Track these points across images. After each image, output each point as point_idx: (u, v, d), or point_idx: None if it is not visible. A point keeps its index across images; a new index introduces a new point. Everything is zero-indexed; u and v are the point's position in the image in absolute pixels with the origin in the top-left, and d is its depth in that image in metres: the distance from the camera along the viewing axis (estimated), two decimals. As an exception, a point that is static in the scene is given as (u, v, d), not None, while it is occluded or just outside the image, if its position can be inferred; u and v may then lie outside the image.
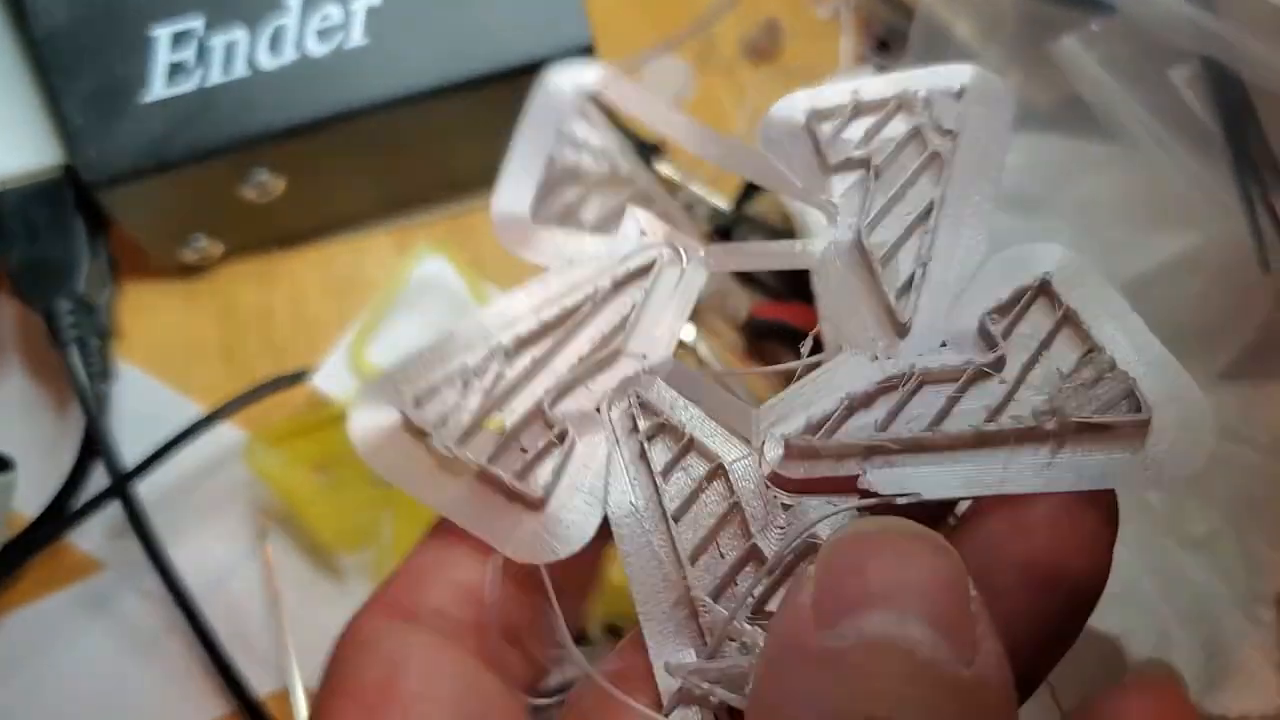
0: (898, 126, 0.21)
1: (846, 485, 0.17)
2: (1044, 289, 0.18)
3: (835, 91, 0.22)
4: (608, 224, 0.22)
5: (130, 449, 0.36)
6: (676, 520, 0.17)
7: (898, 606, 0.14)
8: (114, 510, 0.37)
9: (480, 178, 0.43)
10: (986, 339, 0.18)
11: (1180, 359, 0.34)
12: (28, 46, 0.33)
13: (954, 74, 0.22)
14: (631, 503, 0.18)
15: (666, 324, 0.20)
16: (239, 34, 0.34)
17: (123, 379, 0.39)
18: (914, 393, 0.18)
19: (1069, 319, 0.18)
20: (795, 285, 0.39)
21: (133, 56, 0.33)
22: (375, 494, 0.36)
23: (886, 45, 0.45)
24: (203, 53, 0.33)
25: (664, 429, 0.18)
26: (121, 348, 0.40)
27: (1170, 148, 0.33)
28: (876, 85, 0.22)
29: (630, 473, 0.18)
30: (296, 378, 0.37)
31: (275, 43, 0.34)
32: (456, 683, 0.17)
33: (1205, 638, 0.29)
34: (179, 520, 0.37)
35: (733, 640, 0.16)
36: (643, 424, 0.18)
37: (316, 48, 0.34)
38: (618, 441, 0.19)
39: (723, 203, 0.42)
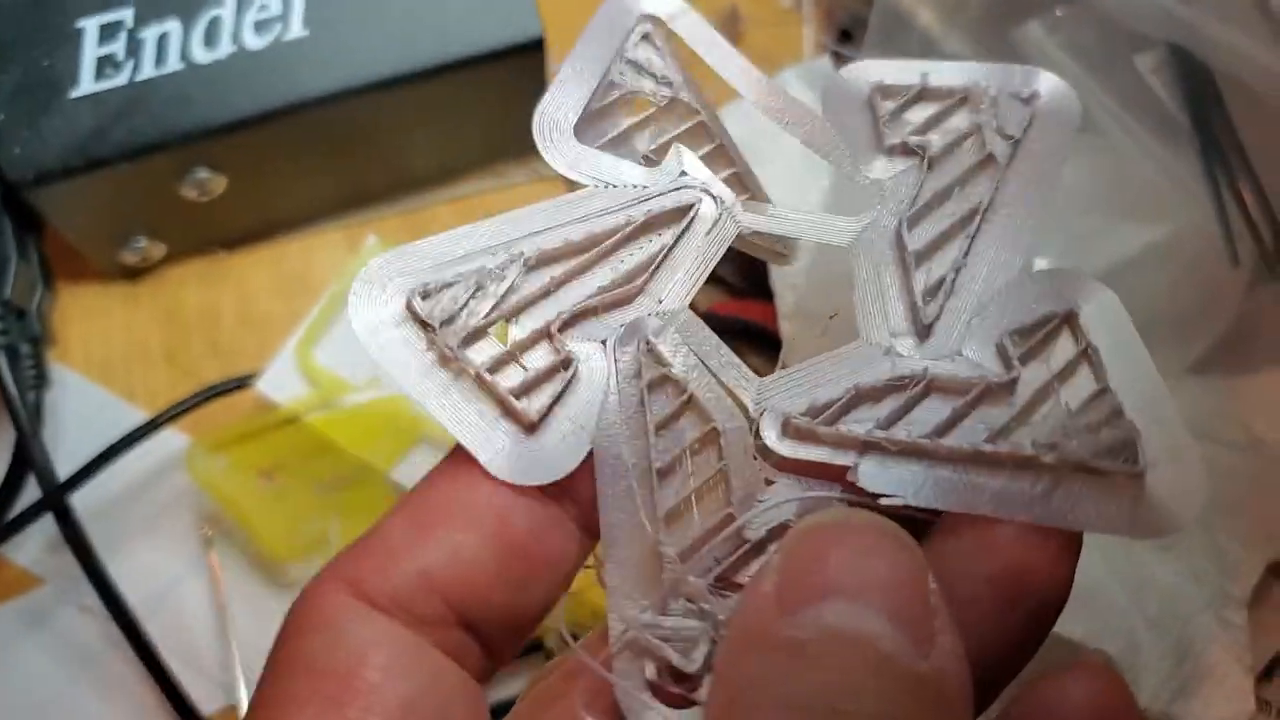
0: (960, 120, 0.21)
1: (836, 474, 0.17)
2: (1070, 320, 0.18)
3: (905, 69, 0.21)
4: (661, 157, 0.21)
5: (70, 457, 0.35)
6: (661, 476, 0.17)
7: (858, 599, 0.14)
8: (49, 524, 0.35)
9: (432, 173, 0.42)
10: (1004, 358, 0.18)
11: (1151, 351, 0.33)
12: (-52, 40, 0.32)
13: (1028, 77, 0.21)
14: (620, 449, 0.17)
15: (690, 273, 0.20)
16: (171, 25, 0.32)
17: (62, 385, 0.38)
18: (922, 397, 0.17)
19: (1088, 356, 0.18)
20: (754, 283, 0.38)
21: (59, 50, 0.32)
22: (322, 501, 0.35)
23: (849, 35, 0.44)
24: (133, 45, 0.32)
25: (667, 381, 0.18)
26: (59, 353, 0.38)
27: (1137, 136, 0.32)
28: (947, 72, 0.21)
29: (625, 418, 0.18)
30: (242, 382, 0.36)
31: (210, 35, 0.33)
32: (420, 678, 0.17)
33: (1175, 641, 0.28)
34: (120, 531, 0.36)
35: (691, 603, 0.16)
36: (647, 372, 0.18)
37: (254, 40, 0.33)
38: (619, 383, 0.18)
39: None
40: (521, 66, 0.36)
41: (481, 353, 0.18)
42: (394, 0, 0.34)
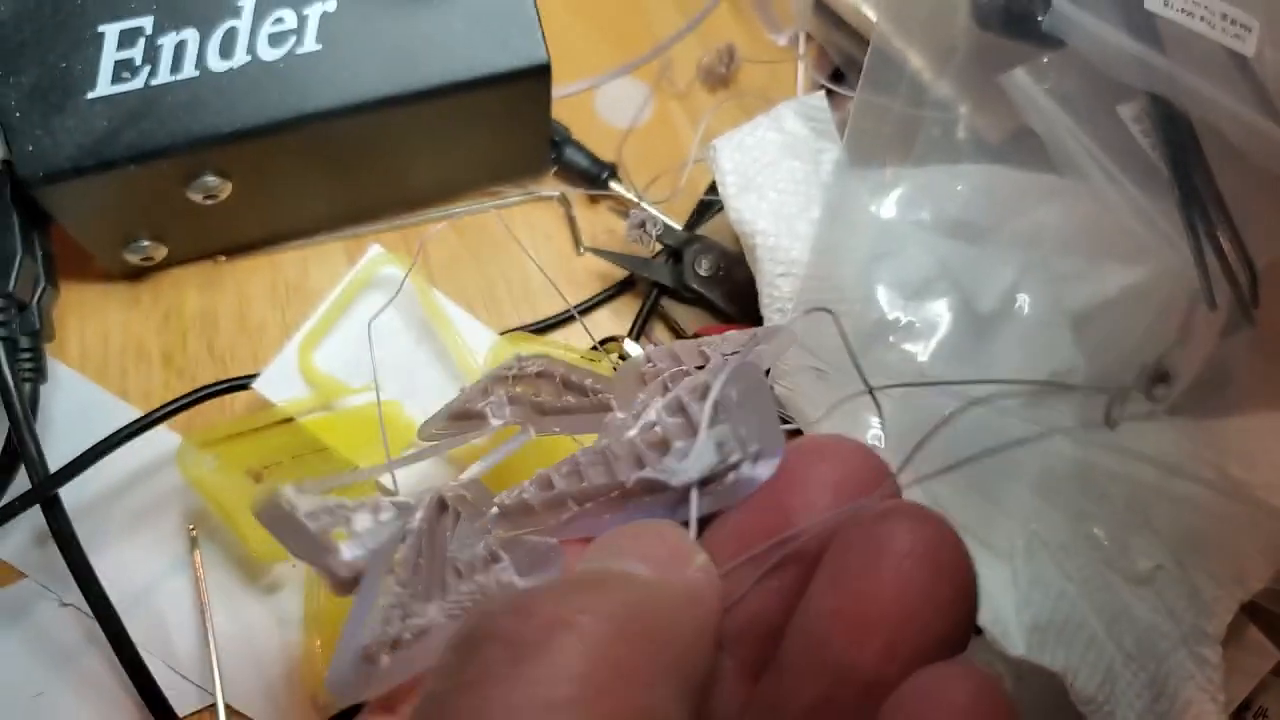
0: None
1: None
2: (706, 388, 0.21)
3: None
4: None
5: (61, 453, 0.35)
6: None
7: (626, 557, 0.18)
8: (36, 518, 0.35)
9: (432, 191, 0.43)
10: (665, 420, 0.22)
11: (1125, 394, 0.34)
12: (-31, 38, 0.33)
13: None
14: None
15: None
16: (189, 34, 0.33)
17: (58, 382, 0.38)
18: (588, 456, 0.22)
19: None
20: (743, 309, 0.39)
21: (78, 52, 0.32)
22: None
23: (842, 75, 0.46)
24: (151, 51, 0.33)
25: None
26: (58, 350, 0.39)
27: (1118, 181, 0.33)
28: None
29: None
30: (236, 384, 0.36)
31: (226, 45, 0.33)
32: None
33: (1152, 676, 0.28)
34: (106, 529, 0.36)
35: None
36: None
37: (268, 52, 0.34)
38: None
39: (674, 223, 0.42)
40: (525, 91, 0.37)
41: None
42: (405, 21, 0.35)
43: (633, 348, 0.38)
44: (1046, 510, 0.31)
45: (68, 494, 0.34)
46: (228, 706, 0.35)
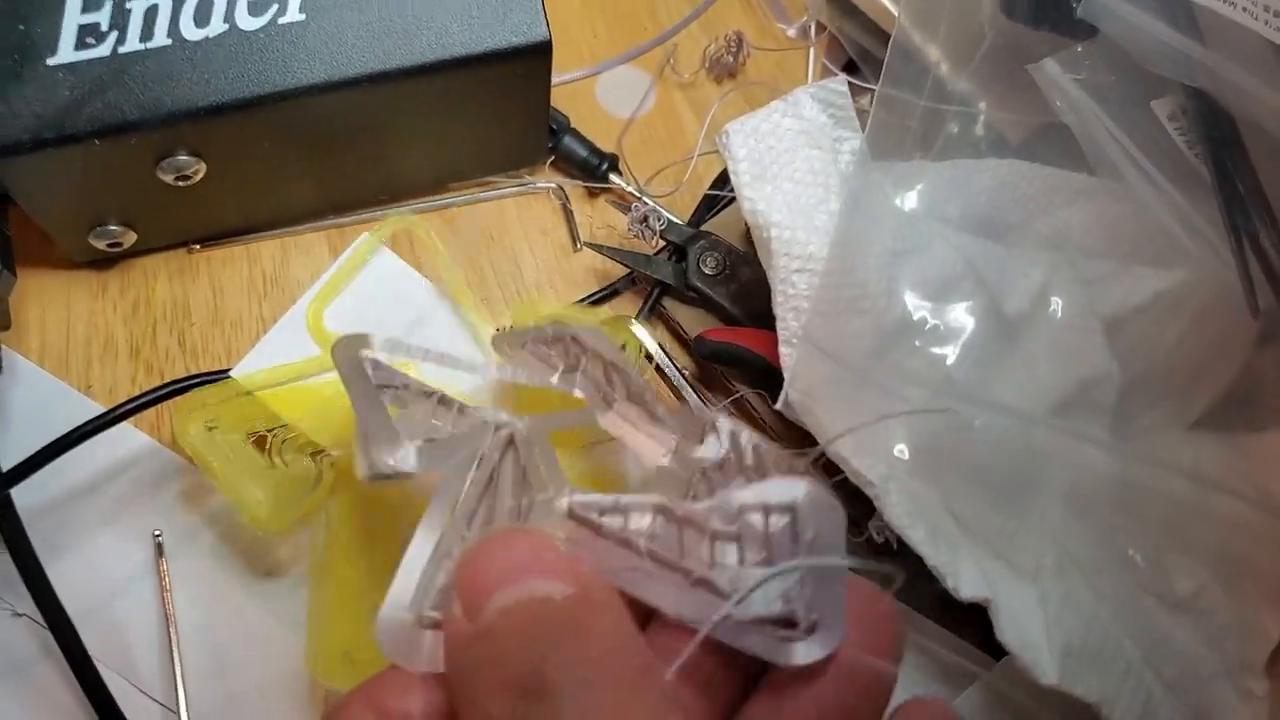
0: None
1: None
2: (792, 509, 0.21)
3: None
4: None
5: (16, 451, 0.32)
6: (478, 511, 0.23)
7: (511, 581, 0.19)
8: (-11, 519, 0.33)
9: (419, 181, 0.40)
10: (737, 520, 0.22)
11: (1157, 404, 0.32)
12: (-79, 0, 0.30)
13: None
14: (466, 484, 0.23)
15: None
16: (161, -1, 0.31)
17: (16, 375, 0.36)
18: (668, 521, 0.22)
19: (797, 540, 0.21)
20: (748, 312, 0.37)
21: (39, 15, 0.30)
22: (315, 468, 0.33)
23: (855, 67, 0.44)
24: (119, 15, 0.30)
25: (516, 461, 0.24)
26: (15, 340, 0.36)
27: (1154, 179, 0.31)
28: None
29: (481, 465, 0.23)
30: (210, 378, 0.33)
31: (201, 11, 0.31)
32: None
33: (1193, 709, 0.26)
34: (67, 532, 0.34)
35: None
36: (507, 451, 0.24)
37: (247, 20, 0.31)
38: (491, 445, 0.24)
39: (677, 218, 0.40)
40: (524, 71, 0.35)
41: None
42: (397, -8, 0.33)
43: (640, 331, 0.36)
44: (1077, 526, 0.29)
45: (23, 495, 0.32)
46: (190, 723, 0.32)
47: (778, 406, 0.27)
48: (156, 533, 0.35)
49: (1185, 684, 0.26)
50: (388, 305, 0.37)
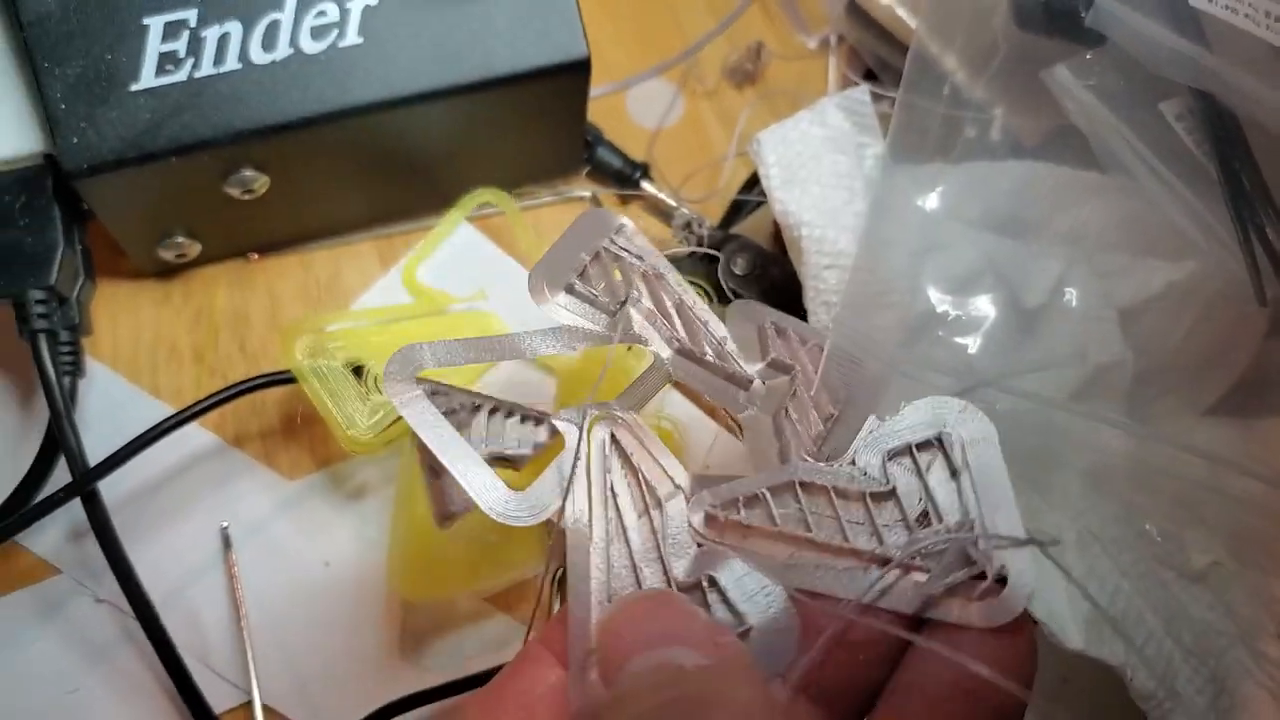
0: None
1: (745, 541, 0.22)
2: (941, 441, 0.21)
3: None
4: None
5: (94, 450, 0.35)
6: (611, 537, 0.22)
7: (647, 647, 0.19)
8: (71, 514, 0.35)
9: (465, 191, 0.42)
10: (884, 474, 0.21)
11: (1169, 394, 0.34)
12: (15, 30, 0.32)
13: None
14: (588, 510, 0.22)
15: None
16: (232, 26, 0.33)
17: (91, 378, 0.38)
18: (809, 494, 0.21)
19: (955, 474, 0.21)
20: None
21: (123, 45, 0.32)
22: None
23: (874, 76, 0.46)
24: (194, 44, 0.33)
25: (627, 463, 0.23)
26: (91, 347, 0.39)
27: (1163, 177, 0.33)
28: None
29: (592, 486, 0.22)
30: (275, 379, 0.36)
31: (269, 37, 0.33)
32: None
33: (1211, 672, 0.28)
34: (140, 525, 0.36)
35: None
36: (610, 454, 0.23)
37: (310, 45, 0.34)
38: (592, 459, 0.23)
39: (710, 222, 0.42)
40: (565, 87, 0.37)
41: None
42: (446, 15, 0.35)
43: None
44: (1097, 503, 0.31)
45: (103, 491, 0.34)
46: (264, 705, 0.34)
47: (811, 393, 0.29)
48: (224, 524, 0.37)
49: (1203, 650, 0.28)
50: (469, 271, 0.41)
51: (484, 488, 0.22)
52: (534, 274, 0.25)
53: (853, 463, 0.22)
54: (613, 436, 0.23)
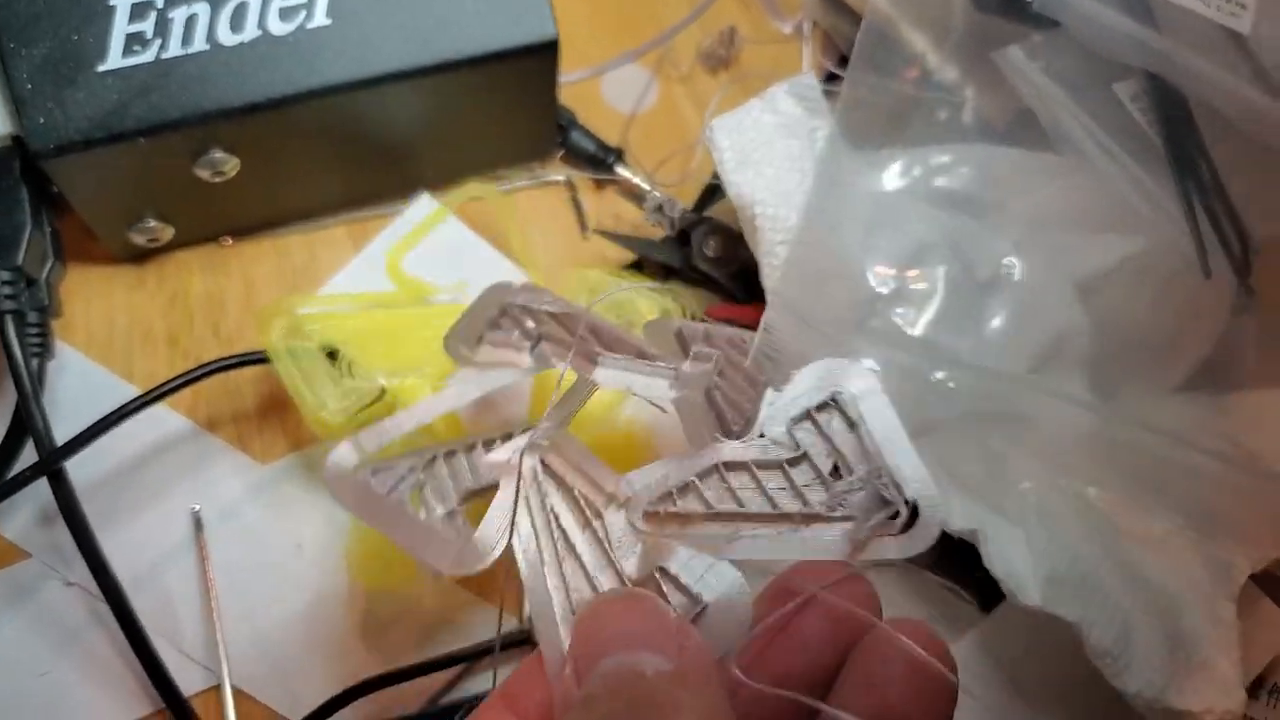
0: None
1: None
2: (837, 400, 0.23)
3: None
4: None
5: (67, 434, 0.34)
6: (561, 556, 0.23)
7: (622, 647, 0.20)
8: (41, 498, 0.35)
9: (436, 174, 0.43)
10: (792, 440, 0.23)
11: (1139, 371, 0.34)
12: (-20, 13, 0.33)
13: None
14: (534, 537, 0.23)
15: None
16: (200, 8, 0.33)
17: (62, 361, 0.38)
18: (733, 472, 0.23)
19: (855, 427, 0.23)
20: (748, 287, 0.39)
21: (90, 25, 0.32)
22: (378, 384, 0.35)
23: (848, 60, 0.46)
24: (162, 24, 0.33)
25: (562, 483, 0.24)
26: (62, 330, 0.39)
27: (1115, 156, 0.34)
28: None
29: (533, 514, 0.24)
30: (244, 359, 0.36)
31: (236, 19, 0.34)
32: None
33: (1168, 631, 0.28)
34: (113, 509, 0.36)
35: None
36: (544, 480, 0.24)
37: (278, 26, 0.34)
38: (528, 488, 0.24)
39: (683, 205, 0.43)
40: (534, 68, 0.38)
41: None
42: (414, -3, 0.35)
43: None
44: (1057, 476, 0.31)
45: (74, 473, 0.34)
46: (234, 688, 0.34)
47: (747, 363, 0.29)
48: (195, 508, 0.37)
49: (1160, 610, 0.29)
50: (451, 264, 0.41)
51: (435, 555, 0.24)
52: (448, 341, 0.28)
53: (761, 435, 0.23)
54: (543, 462, 0.24)
